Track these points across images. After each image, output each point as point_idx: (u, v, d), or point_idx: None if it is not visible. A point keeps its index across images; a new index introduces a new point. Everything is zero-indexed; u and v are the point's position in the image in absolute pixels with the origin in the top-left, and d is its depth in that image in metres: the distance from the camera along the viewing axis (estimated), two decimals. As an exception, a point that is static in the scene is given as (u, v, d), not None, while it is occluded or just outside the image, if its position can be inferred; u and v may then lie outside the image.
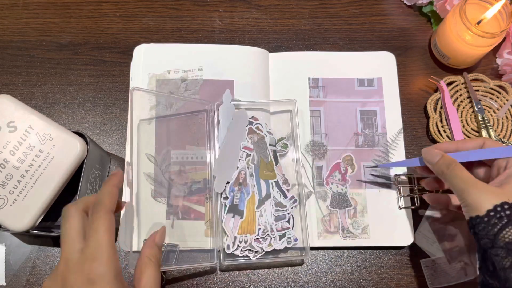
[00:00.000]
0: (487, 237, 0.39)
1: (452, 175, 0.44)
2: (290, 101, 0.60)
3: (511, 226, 0.39)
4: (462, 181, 0.43)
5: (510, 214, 0.39)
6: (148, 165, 0.57)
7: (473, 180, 0.43)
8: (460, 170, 0.44)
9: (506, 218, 0.39)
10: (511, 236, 0.38)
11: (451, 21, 0.60)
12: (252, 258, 0.53)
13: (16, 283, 0.54)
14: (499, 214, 0.39)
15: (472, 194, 0.41)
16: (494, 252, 0.39)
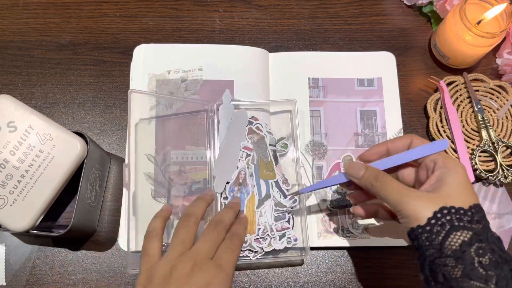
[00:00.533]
0: (432, 247, 0.38)
1: (383, 187, 0.42)
2: (290, 101, 0.60)
3: (455, 232, 0.37)
4: (395, 192, 0.41)
5: (451, 219, 0.38)
6: (148, 165, 0.57)
7: (406, 189, 0.41)
8: (389, 181, 0.42)
9: (448, 224, 0.37)
10: (457, 243, 0.37)
11: (451, 21, 0.60)
12: (252, 258, 0.53)
13: (16, 283, 0.54)
14: (440, 221, 0.38)
15: (409, 204, 0.39)
16: (443, 262, 0.37)
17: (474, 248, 0.36)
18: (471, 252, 0.36)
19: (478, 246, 0.36)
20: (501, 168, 0.59)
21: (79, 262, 0.55)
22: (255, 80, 0.62)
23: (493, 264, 0.35)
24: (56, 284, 0.55)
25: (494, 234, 0.38)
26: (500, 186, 0.60)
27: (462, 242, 0.37)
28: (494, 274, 0.35)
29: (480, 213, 0.39)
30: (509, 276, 0.35)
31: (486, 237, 0.37)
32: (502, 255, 0.36)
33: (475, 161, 0.59)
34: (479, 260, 0.36)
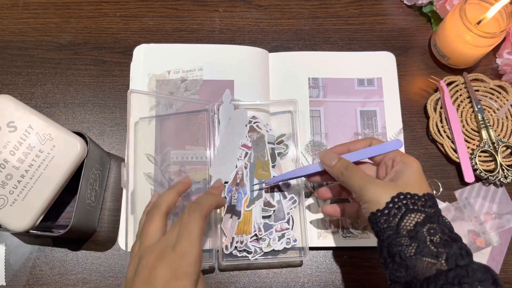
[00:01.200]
0: (390, 229, 0.41)
1: (350, 174, 0.46)
2: (291, 101, 0.60)
3: (410, 214, 0.40)
4: (360, 179, 0.45)
5: (406, 203, 0.41)
6: (148, 165, 0.57)
7: (370, 177, 0.45)
8: (357, 169, 0.46)
9: (404, 207, 0.41)
10: (411, 224, 0.40)
11: (451, 21, 0.60)
12: (251, 258, 0.53)
13: (16, 283, 0.54)
14: (397, 205, 0.41)
15: (371, 189, 0.43)
16: (399, 242, 0.40)
17: (426, 228, 0.40)
18: (424, 231, 0.39)
19: (430, 227, 0.40)
20: (501, 168, 0.59)
21: (79, 262, 0.55)
22: (255, 80, 0.62)
23: (443, 243, 0.39)
24: (56, 284, 0.55)
25: (445, 219, 0.41)
26: (500, 186, 0.60)
27: (415, 223, 0.40)
28: (444, 251, 0.38)
29: (432, 200, 0.42)
30: (458, 253, 0.38)
31: (437, 220, 0.40)
32: (451, 235, 0.40)
33: (475, 161, 0.59)
34: (431, 239, 0.39)
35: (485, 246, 0.57)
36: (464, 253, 0.39)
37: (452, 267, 0.38)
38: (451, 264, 0.38)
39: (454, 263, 0.38)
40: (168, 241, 0.40)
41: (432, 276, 0.38)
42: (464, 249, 0.39)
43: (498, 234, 0.58)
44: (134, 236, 0.54)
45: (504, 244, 0.57)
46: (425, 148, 0.62)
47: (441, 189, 0.58)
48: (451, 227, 0.41)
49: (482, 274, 0.37)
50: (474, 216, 0.58)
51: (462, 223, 0.58)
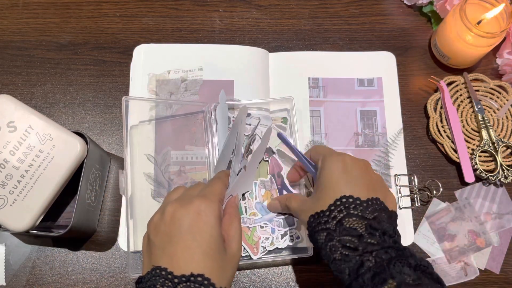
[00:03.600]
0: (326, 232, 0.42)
1: (292, 211, 0.49)
2: (287, 99, 0.60)
3: (317, 236, 0.41)
4: (294, 211, 0.48)
5: (314, 226, 0.42)
6: (148, 165, 0.57)
7: (299, 205, 0.47)
8: (292, 202, 0.49)
9: (313, 230, 0.42)
10: (321, 245, 0.41)
11: (451, 21, 0.60)
12: (255, 257, 0.53)
13: (16, 283, 0.54)
14: (311, 228, 0.42)
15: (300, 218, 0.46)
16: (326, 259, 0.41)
17: (328, 247, 0.40)
18: (328, 251, 0.40)
19: (331, 245, 0.40)
20: (501, 168, 0.59)
21: (79, 262, 0.55)
22: (255, 80, 0.62)
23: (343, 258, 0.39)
24: (56, 284, 0.55)
25: (347, 226, 0.40)
26: (500, 186, 0.60)
27: (321, 243, 0.41)
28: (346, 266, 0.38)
29: (339, 207, 0.41)
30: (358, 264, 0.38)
31: (338, 232, 0.40)
32: (352, 245, 0.39)
33: (475, 161, 0.59)
34: (334, 257, 0.39)
35: (485, 246, 0.57)
36: (366, 257, 0.38)
37: (353, 278, 0.38)
38: (353, 277, 0.38)
39: (355, 275, 0.38)
40: (193, 192, 0.44)
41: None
42: (367, 252, 0.38)
43: (498, 234, 0.58)
44: (135, 237, 0.54)
45: (504, 244, 0.57)
46: (425, 148, 0.62)
47: (441, 189, 0.58)
48: (354, 230, 0.39)
49: (378, 276, 0.36)
50: (474, 216, 0.58)
51: (462, 223, 0.58)
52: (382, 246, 0.38)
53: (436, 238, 0.57)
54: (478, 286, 0.56)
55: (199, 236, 0.39)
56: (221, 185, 0.47)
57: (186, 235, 0.39)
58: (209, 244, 0.39)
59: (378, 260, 0.37)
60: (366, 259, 0.38)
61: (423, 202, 0.59)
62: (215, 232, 0.40)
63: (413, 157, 0.61)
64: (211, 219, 0.40)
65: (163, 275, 0.37)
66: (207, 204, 0.41)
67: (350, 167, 0.44)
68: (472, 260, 0.57)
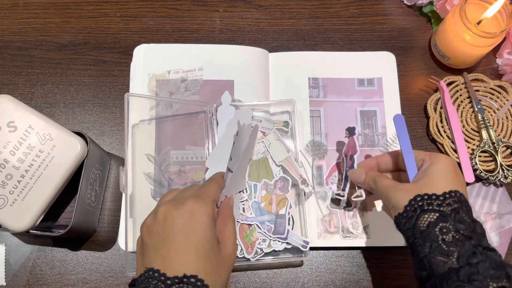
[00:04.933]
0: (409, 231, 0.43)
1: (378, 187, 0.49)
2: (288, 101, 0.60)
3: (423, 215, 0.42)
4: (385, 188, 0.47)
5: (422, 205, 0.42)
6: (148, 165, 0.57)
7: (394, 184, 0.47)
8: (383, 180, 0.49)
9: (419, 209, 0.42)
10: (424, 225, 0.41)
11: (451, 21, 0.60)
12: (251, 259, 0.53)
13: (16, 283, 0.54)
14: (413, 207, 0.43)
15: (392, 196, 0.45)
16: (417, 243, 0.41)
17: (438, 227, 0.41)
18: (436, 231, 0.41)
19: (442, 226, 0.41)
20: (501, 168, 0.59)
21: (79, 262, 0.55)
22: (255, 80, 0.62)
23: (455, 241, 0.40)
24: (56, 284, 0.55)
25: (463, 216, 0.41)
26: (500, 186, 0.60)
27: (428, 223, 0.41)
28: (455, 249, 0.39)
29: (454, 198, 0.42)
30: (471, 251, 0.39)
31: (453, 218, 0.41)
32: (466, 233, 0.40)
33: (475, 161, 0.59)
34: (443, 238, 0.40)
35: (485, 246, 0.57)
36: (479, 251, 0.39)
37: (463, 264, 0.38)
38: (462, 262, 0.38)
39: (465, 261, 0.38)
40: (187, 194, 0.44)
41: (445, 274, 0.38)
42: (480, 246, 0.39)
43: (498, 234, 0.58)
44: (134, 236, 0.54)
45: (504, 244, 0.57)
46: (425, 148, 0.62)
47: (441, 189, 0.58)
48: (469, 224, 0.41)
49: (494, 270, 0.37)
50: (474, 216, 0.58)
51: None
52: (488, 247, 0.40)
53: (436, 238, 0.57)
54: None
55: (193, 237, 0.39)
56: (216, 186, 0.46)
57: (179, 236, 0.39)
58: (202, 245, 0.39)
59: (489, 256, 0.38)
60: (479, 252, 0.39)
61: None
62: (209, 232, 0.40)
63: (413, 157, 0.61)
64: (204, 220, 0.40)
65: (156, 276, 0.37)
66: (200, 205, 0.41)
67: (456, 169, 0.46)
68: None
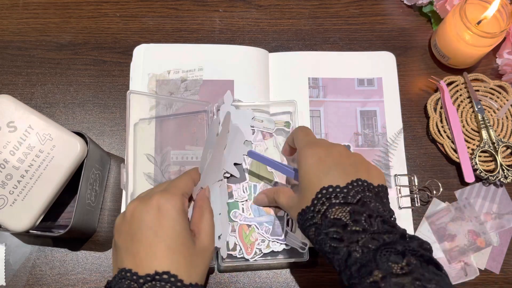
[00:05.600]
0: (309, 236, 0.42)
1: (278, 202, 0.50)
2: (290, 102, 0.60)
3: (308, 231, 0.42)
4: (283, 202, 0.48)
5: (304, 222, 0.42)
6: (148, 165, 0.57)
7: (288, 199, 0.48)
8: (280, 194, 0.49)
9: (305, 224, 0.42)
10: (312, 238, 0.41)
11: (451, 21, 0.60)
12: (250, 259, 0.53)
13: (16, 283, 0.54)
14: (300, 224, 0.43)
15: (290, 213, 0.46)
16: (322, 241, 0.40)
17: (317, 241, 0.40)
18: (317, 245, 0.41)
19: (320, 239, 0.40)
20: (501, 168, 0.59)
21: (79, 262, 0.55)
22: (255, 80, 0.62)
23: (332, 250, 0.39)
24: (56, 284, 0.55)
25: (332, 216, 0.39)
26: (500, 186, 0.60)
27: (313, 237, 0.41)
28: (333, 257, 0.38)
29: (322, 198, 0.41)
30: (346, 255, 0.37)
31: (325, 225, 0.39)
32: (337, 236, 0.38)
33: (475, 161, 0.59)
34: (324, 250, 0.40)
35: (485, 246, 0.57)
36: (353, 248, 0.37)
37: (343, 268, 0.38)
38: (342, 267, 0.38)
39: (343, 265, 0.37)
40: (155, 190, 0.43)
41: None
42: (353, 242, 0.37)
43: (498, 234, 0.58)
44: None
45: (504, 244, 0.57)
46: (425, 148, 0.62)
47: (441, 189, 0.58)
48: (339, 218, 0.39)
49: (364, 268, 0.35)
50: (474, 216, 0.58)
51: (462, 223, 0.58)
52: (369, 232, 0.37)
53: (436, 238, 0.57)
54: (478, 286, 0.56)
55: (161, 232, 0.38)
56: (186, 178, 0.45)
57: (147, 232, 0.38)
58: (172, 239, 0.38)
59: (365, 250, 0.36)
60: (353, 250, 0.37)
61: (423, 202, 0.59)
62: (178, 225, 0.39)
63: (413, 157, 0.61)
64: (172, 213, 0.39)
65: (128, 276, 0.36)
66: (167, 198, 0.39)
67: (324, 157, 0.43)
68: (472, 260, 0.57)
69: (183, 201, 0.41)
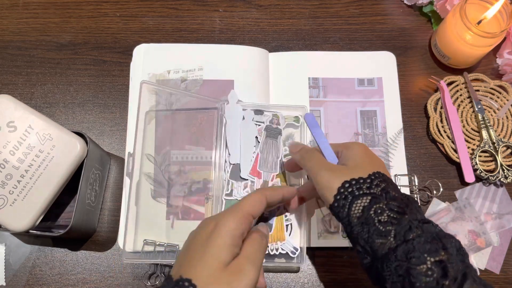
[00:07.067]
0: (345, 220, 0.42)
1: (308, 160, 0.47)
2: (301, 107, 0.59)
3: (356, 201, 0.41)
4: (316, 165, 0.46)
5: (352, 191, 0.42)
6: (148, 165, 0.57)
7: (325, 164, 0.46)
8: (315, 155, 0.47)
9: (350, 195, 0.41)
10: (359, 210, 0.41)
11: (451, 21, 0.60)
12: None
13: (16, 283, 0.54)
14: (343, 195, 0.42)
15: (324, 176, 0.44)
16: (355, 230, 0.41)
17: (373, 210, 0.40)
18: (371, 214, 0.40)
19: (377, 207, 0.40)
20: (502, 168, 0.59)
21: (79, 262, 0.55)
22: (255, 80, 0.62)
23: (391, 220, 0.39)
24: (56, 284, 0.55)
25: (392, 194, 0.41)
26: (501, 186, 0.60)
27: (363, 207, 0.41)
28: (391, 228, 0.39)
29: (379, 178, 0.42)
30: (407, 227, 0.38)
31: (385, 197, 0.41)
32: (399, 210, 0.40)
33: (476, 161, 0.59)
34: (379, 219, 0.39)
35: (485, 246, 0.57)
36: (414, 225, 0.38)
37: (400, 242, 0.38)
38: (399, 240, 0.38)
39: (402, 238, 0.38)
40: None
41: (385, 255, 0.38)
42: (414, 220, 0.39)
43: (499, 234, 0.58)
44: (134, 236, 0.53)
45: (504, 244, 0.57)
46: (425, 148, 0.62)
47: (441, 189, 0.58)
48: (401, 200, 0.41)
49: (430, 244, 0.37)
50: (475, 216, 0.58)
51: (462, 223, 0.58)
52: (423, 219, 0.40)
53: (436, 238, 0.57)
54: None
55: (207, 247, 0.38)
56: (253, 199, 0.43)
57: (196, 245, 0.39)
58: (211, 254, 0.38)
59: (425, 229, 0.38)
60: (415, 226, 0.38)
61: (423, 202, 0.59)
62: (222, 243, 0.38)
63: (413, 157, 0.61)
64: (222, 232, 0.39)
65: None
66: (226, 217, 0.40)
67: (369, 151, 0.46)
68: (472, 260, 0.57)
69: (241, 222, 0.41)
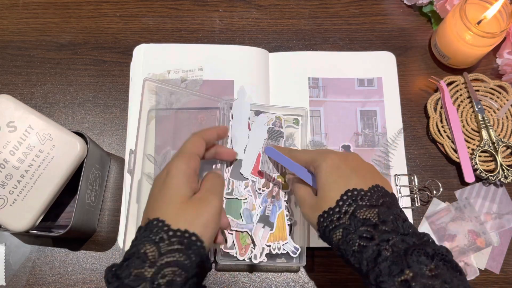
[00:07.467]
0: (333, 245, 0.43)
1: (294, 190, 0.50)
2: (302, 109, 0.59)
3: (333, 233, 0.41)
4: (299, 201, 0.48)
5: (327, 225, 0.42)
6: (148, 165, 0.57)
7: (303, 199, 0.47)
8: (299, 189, 0.49)
9: (327, 228, 0.42)
10: (337, 242, 0.41)
11: (451, 21, 0.60)
12: (246, 259, 0.52)
13: (16, 283, 0.54)
14: (322, 228, 0.43)
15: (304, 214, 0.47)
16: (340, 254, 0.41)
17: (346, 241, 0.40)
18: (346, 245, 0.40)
19: (349, 238, 0.40)
20: (501, 168, 0.59)
21: (79, 262, 0.55)
22: (255, 80, 0.62)
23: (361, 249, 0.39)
24: (56, 284, 0.55)
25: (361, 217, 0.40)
26: (500, 186, 0.60)
27: (338, 240, 0.41)
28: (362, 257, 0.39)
29: (347, 201, 0.41)
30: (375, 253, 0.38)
31: (354, 226, 0.40)
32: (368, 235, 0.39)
33: (476, 161, 0.59)
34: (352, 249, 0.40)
35: (485, 246, 0.57)
36: (383, 247, 0.38)
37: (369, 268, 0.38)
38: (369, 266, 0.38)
39: (372, 264, 0.38)
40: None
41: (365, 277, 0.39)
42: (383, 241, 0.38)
43: (498, 234, 0.58)
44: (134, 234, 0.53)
45: (504, 244, 0.57)
46: (425, 148, 0.62)
47: (441, 189, 0.58)
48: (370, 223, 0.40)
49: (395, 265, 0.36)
50: (475, 216, 0.58)
51: (462, 223, 0.58)
52: (398, 233, 0.38)
53: (436, 238, 0.57)
54: (478, 286, 0.56)
55: (164, 189, 0.43)
56: (194, 140, 0.47)
57: (155, 191, 0.44)
58: (169, 193, 0.42)
59: (395, 249, 0.37)
60: (384, 248, 0.38)
61: (423, 202, 0.59)
62: (177, 182, 0.43)
63: (413, 157, 0.61)
64: (174, 173, 0.43)
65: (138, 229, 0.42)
66: (175, 161, 0.44)
67: (342, 163, 0.45)
68: (472, 260, 0.57)
69: (188, 161, 0.45)
